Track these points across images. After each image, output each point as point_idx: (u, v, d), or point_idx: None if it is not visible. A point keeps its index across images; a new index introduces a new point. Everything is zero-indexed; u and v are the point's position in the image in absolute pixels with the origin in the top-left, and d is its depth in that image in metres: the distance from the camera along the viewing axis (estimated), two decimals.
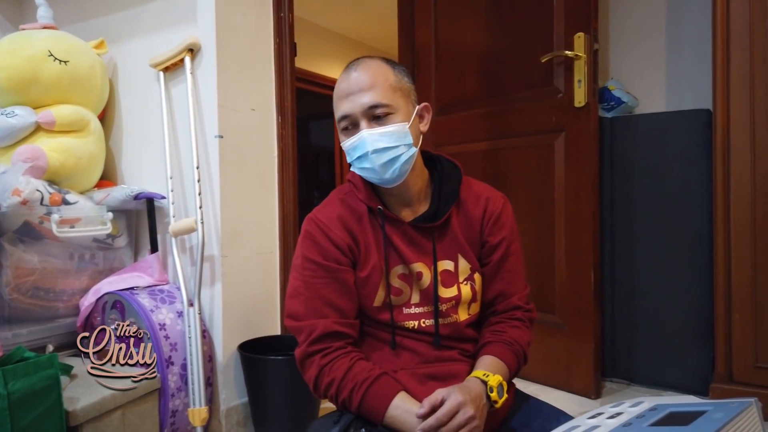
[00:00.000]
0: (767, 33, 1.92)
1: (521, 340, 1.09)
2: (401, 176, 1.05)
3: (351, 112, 1.03)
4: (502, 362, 1.04)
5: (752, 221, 1.95)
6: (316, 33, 5.05)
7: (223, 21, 1.91)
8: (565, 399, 2.15)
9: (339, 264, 1.05)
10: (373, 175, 1.05)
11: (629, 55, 2.74)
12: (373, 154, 1.02)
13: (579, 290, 2.18)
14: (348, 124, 1.05)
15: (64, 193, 1.82)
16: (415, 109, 1.08)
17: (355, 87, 1.03)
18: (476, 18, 2.49)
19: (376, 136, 1.02)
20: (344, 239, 1.06)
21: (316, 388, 1.03)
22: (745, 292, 1.96)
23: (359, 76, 1.04)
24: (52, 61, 1.88)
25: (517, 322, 1.11)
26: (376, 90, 1.02)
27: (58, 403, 1.34)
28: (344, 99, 1.04)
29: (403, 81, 1.07)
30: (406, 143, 1.04)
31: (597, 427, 0.83)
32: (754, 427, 0.81)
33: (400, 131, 1.03)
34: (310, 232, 1.08)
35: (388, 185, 1.07)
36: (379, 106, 1.02)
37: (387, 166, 1.03)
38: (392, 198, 1.10)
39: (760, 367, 1.94)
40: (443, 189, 1.11)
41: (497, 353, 1.05)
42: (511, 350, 1.06)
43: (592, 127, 2.11)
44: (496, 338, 1.08)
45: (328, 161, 5.60)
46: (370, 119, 1.03)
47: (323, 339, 1.02)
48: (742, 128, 1.96)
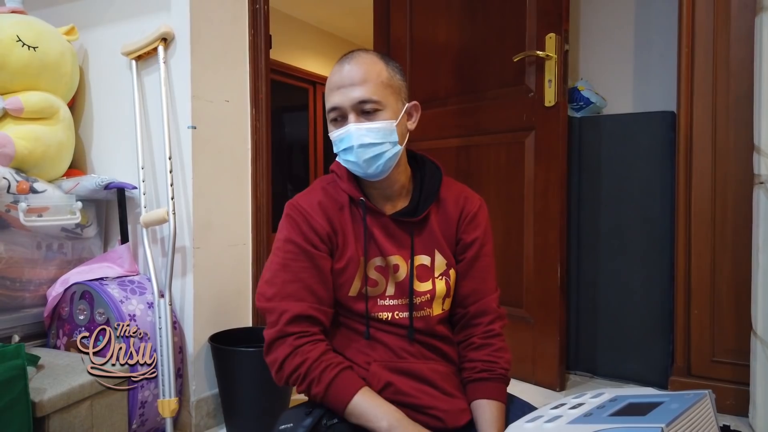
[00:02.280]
0: (730, 38, 1.99)
1: (508, 362, 1.12)
2: (384, 172, 1.07)
3: (340, 104, 1.04)
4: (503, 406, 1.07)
5: (712, 220, 2.02)
6: (292, 25, 5.02)
7: (197, 10, 1.89)
8: (531, 391, 2.20)
9: (318, 250, 1.06)
10: (357, 169, 1.07)
11: (599, 57, 2.81)
12: (359, 148, 1.03)
13: (546, 285, 2.23)
14: (337, 116, 1.06)
15: (31, 182, 1.79)
16: (404, 107, 1.09)
17: (347, 80, 1.04)
18: (450, 16, 2.52)
19: (363, 131, 1.03)
20: (324, 227, 1.07)
21: (281, 370, 1.01)
22: (703, 289, 2.04)
23: (352, 69, 1.04)
24: (21, 46, 1.84)
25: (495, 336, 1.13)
26: (367, 85, 1.03)
27: (24, 394, 1.32)
28: (335, 91, 1.05)
29: (395, 78, 1.08)
30: (391, 141, 1.05)
31: (559, 417, 0.87)
32: (708, 417, 0.85)
33: (386, 128, 1.04)
34: (292, 216, 1.09)
35: (371, 179, 1.09)
36: (369, 101, 1.03)
37: (371, 162, 1.04)
38: (374, 191, 1.12)
39: (717, 361, 2.02)
40: (424, 187, 1.14)
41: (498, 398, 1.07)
42: (505, 384, 1.10)
43: (561, 127, 2.16)
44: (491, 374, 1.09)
45: (302, 154, 5.57)
46: (359, 113, 1.04)
47: (299, 322, 1.02)
48: (704, 130, 2.03)
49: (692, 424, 0.79)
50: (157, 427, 1.80)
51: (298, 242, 1.06)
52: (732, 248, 1.98)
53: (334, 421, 0.99)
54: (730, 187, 1.99)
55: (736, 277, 1.97)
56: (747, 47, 1.90)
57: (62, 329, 1.82)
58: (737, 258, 1.97)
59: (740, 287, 1.94)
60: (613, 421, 0.80)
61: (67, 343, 1.80)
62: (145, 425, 1.75)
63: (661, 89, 2.59)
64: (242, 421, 1.83)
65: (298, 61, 5.09)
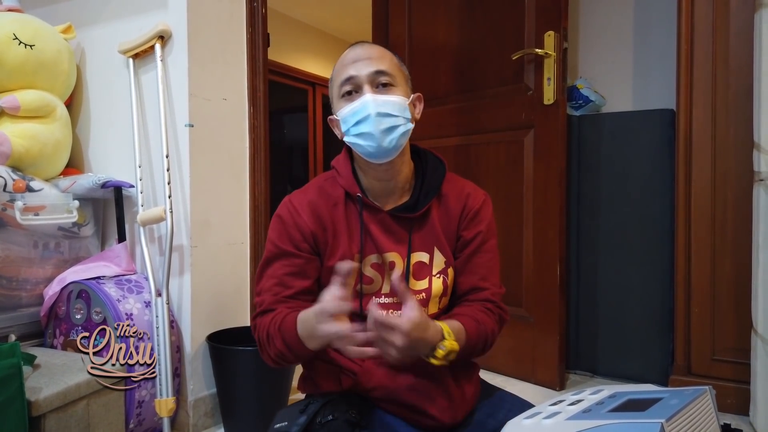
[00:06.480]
0: (729, 35, 1.98)
1: (488, 325, 1.07)
2: (396, 150, 1.05)
3: (356, 74, 1.04)
4: (466, 334, 1.02)
5: (712, 218, 2.01)
6: (292, 26, 5.02)
7: (194, 8, 1.89)
8: (531, 390, 2.19)
9: (298, 249, 1.07)
10: (371, 142, 1.03)
11: (598, 55, 2.80)
12: (377, 117, 1.02)
13: (545, 284, 2.22)
14: (351, 88, 1.05)
15: (28, 180, 1.78)
16: (410, 96, 1.11)
17: (363, 55, 1.06)
18: (449, 14, 2.51)
19: (380, 102, 1.03)
20: (309, 226, 1.07)
21: (260, 345, 1.06)
22: (703, 286, 2.03)
23: (367, 48, 1.07)
24: (17, 44, 1.84)
25: (488, 311, 1.10)
26: (383, 60, 1.06)
27: (20, 393, 1.31)
28: (350, 65, 1.06)
29: (404, 67, 1.12)
30: (405, 116, 1.05)
31: (558, 413, 0.86)
32: (708, 414, 0.84)
33: (401, 103, 1.06)
34: (280, 214, 1.10)
35: (382, 157, 1.05)
36: (386, 74, 1.05)
37: (387, 133, 1.03)
38: (377, 184, 1.10)
39: (717, 359, 2.02)
40: (425, 181, 1.12)
41: (465, 324, 1.03)
42: (478, 329, 1.05)
43: (560, 125, 2.15)
44: (467, 313, 1.06)
45: (302, 155, 5.57)
46: (374, 86, 1.04)
47: (267, 312, 1.05)
48: (703, 127, 2.02)
49: (692, 419, 0.78)
50: (155, 427, 1.79)
51: (276, 241, 1.08)
52: (732, 246, 1.98)
53: (329, 418, 0.99)
54: (730, 184, 1.98)
55: (736, 274, 1.96)
56: (746, 44, 1.89)
57: (59, 328, 1.81)
58: (737, 255, 1.96)
59: (740, 285, 1.93)
60: (613, 417, 0.79)
61: (64, 343, 1.79)
62: (142, 425, 1.74)
63: (660, 87, 2.58)
64: (240, 421, 1.82)
65: (297, 62, 5.08)
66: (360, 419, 1.00)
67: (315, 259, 1.08)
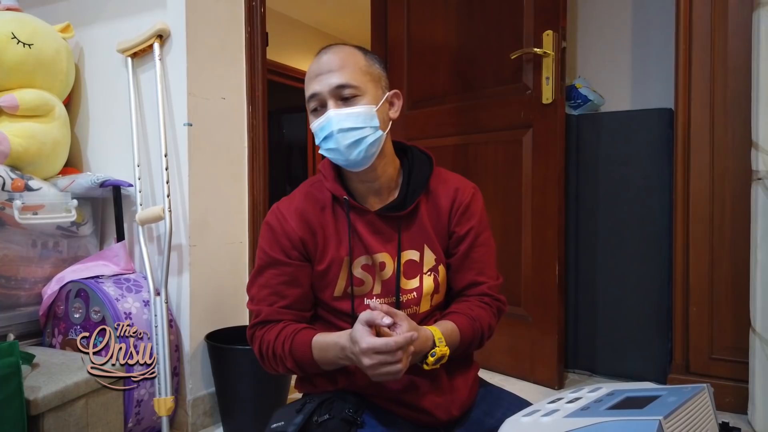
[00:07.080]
0: (727, 34, 1.98)
1: (484, 320, 1.08)
2: (367, 159, 1.05)
3: (319, 91, 1.03)
4: (459, 333, 1.04)
5: (710, 216, 2.01)
6: (291, 26, 5.01)
7: (193, 7, 1.88)
8: (529, 389, 2.19)
9: (288, 257, 1.07)
10: (339, 156, 1.04)
11: (596, 54, 2.80)
12: (339, 133, 1.02)
13: (544, 283, 2.22)
14: (317, 105, 1.05)
15: (26, 179, 1.78)
16: (384, 95, 1.08)
17: (324, 68, 1.04)
18: (448, 14, 2.51)
19: (342, 116, 1.02)
20: (297, 232, 1.07)
21: (262, 358, 1.07)
22: (702, 285, 2.03)
23: (330, 58, 1.04)
24: (16, 43, 1.84)
25: (485, 305, 1.11)
26: (345, 71, 1.03)
27: (18, 392, 1.31)
28: (313, 80, 1.04)
29: (374, 66, 1.08)
30: (372, 125, 1.03)
31: (556, 411, 0.86)
32: (706, 411, 0.84)
33: (366, 113, 1.03)
34: (268, 222, 1.10)
35: (354, 168, 1.06)
36: (347, 86, 1.02)
37: (352, 147, 1.02)
38: (362, 186, 1.10)
39: (715, 358, 2.02)
40: (412, 178, 1.11)
41: (459, 323, 1.05)
42: (473, 326, 1.06)
43: (559, 124, 2.15)
44: (462, 310, 1.08)
45: (301, 156, 5.57)
46: (338, 99, 1.03)
47: (266, 323, 1.06)
48: (701, 127, 2.03)
49: (690, 416, 0.78)
50: (154, 426, 1.79)
51: (266, 249, 1.09)
52: (730, 245, 1.98)
53: (325, 417, 0.99)
54: (728, 183, 1.98)
55: (734, 273, 1.96)
56: (745, 43, 1.89)
57: (57, 328, 1.81)
58: (735, 255, 1.96)
59: (738, 284, 1.93)
60: (611, 415, 0.79)
61: (63, 342, 1.79)
62: (141, 424, 1.74)
63: (658, 86, 2.58)
64: (239, 420, 1.82)
65: (296, 62, 5.08)
66: (356, 417, 1.01)
67: (306, 266, 1.08)
